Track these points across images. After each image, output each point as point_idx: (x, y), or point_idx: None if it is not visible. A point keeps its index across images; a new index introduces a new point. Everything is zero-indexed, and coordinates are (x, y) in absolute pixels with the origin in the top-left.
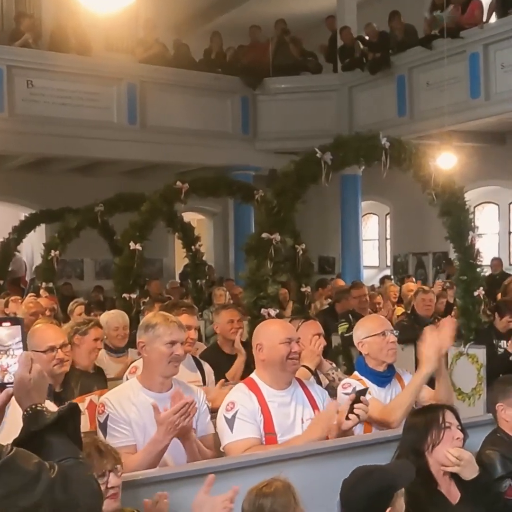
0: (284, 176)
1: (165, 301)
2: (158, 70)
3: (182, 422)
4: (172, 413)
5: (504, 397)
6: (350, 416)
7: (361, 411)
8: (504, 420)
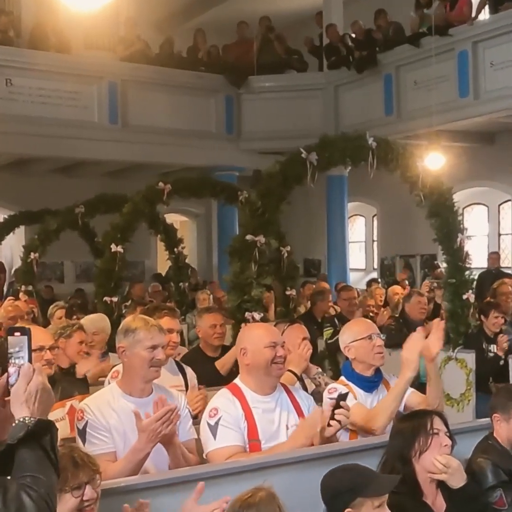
0: (268, 177)
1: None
2: (139, 68)
3: (164, 430)
4: (154, 420)
5: (503, 410)
6: (331, 422)
7: (342, 416)
8: (498, 431)
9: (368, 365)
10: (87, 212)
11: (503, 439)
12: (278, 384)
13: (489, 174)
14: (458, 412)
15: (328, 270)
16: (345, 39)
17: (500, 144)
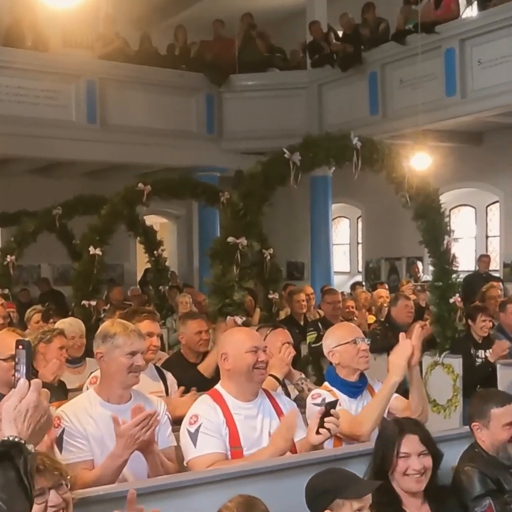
0: (250, 178)
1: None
2: (118, 67)
3: (142, 436)
4: (133, 425)
5: (480, 416)
6: (320, 431)
7: (332, 424)
8: (480, 439)
9: (352, 370)
10: (65, 213)
11: (488, 446)
12: (260, 390)
13: (476, 175)
14: (445, 418)
15: (312, 273)
16: (329, 36)
17: (488, 144)
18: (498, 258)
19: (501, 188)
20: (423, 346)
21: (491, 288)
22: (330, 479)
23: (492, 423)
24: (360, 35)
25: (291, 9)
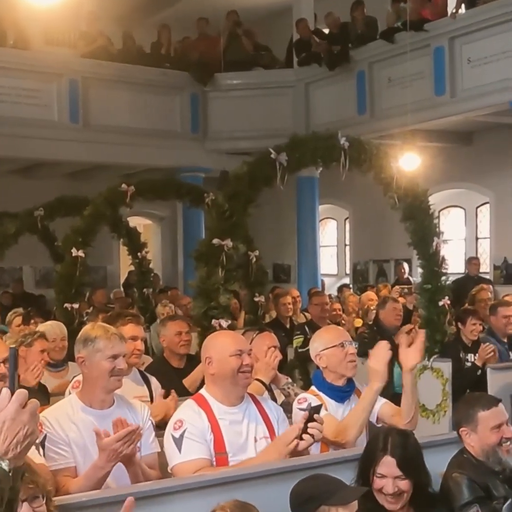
0: (236, 178)
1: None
2: (101, 65)
3: (125, 450)
4: (115, 440)
5: (467, 421)
6: (304, 437)
7: (316, 430)
8: (469, 445)
9: (339, 374)
10: (47, 215)
11: (477, 451)
12: (245, 395)
13: (466, 175)
14: (434, 423)
15: (299, 276)
16: (316, 34)
17: (478, 144)
18: (488, 260)
19: (491, 189)
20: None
21: (481, 290)
22: (315, 485)
23: (480, 427)
24: (348, 33)
25: (277, 6)
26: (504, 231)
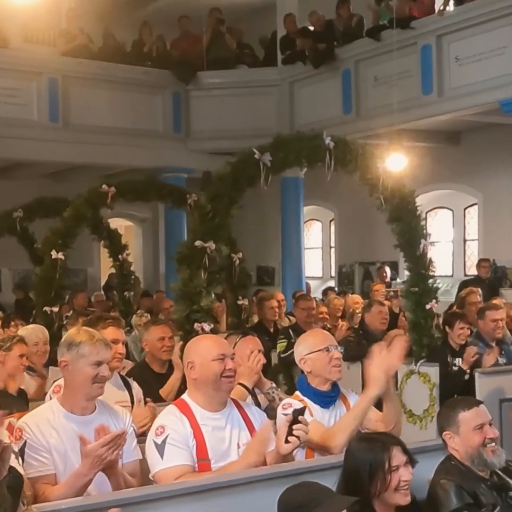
0: (219, 179)
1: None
2: (81, 64)
3: (110, 456)
4: (100, 446)
5: (449, 424)
6: (289, 439)
7: (301, 432)
8: (453, 449)
9: (324, 379)
10: (26, 216)
11: (462, 455)
12: (228, 400)
13: (454, 176)
14: (421, 429)
15: (283, 278)
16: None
17: (466, 144)
18: (476, 262)
19: (479, 189)
20: None
21: (470, 293)
22: (304, 494)
23: (462, 428)
24: (333, 31)
25: (261, 4)
26: (492, 232)
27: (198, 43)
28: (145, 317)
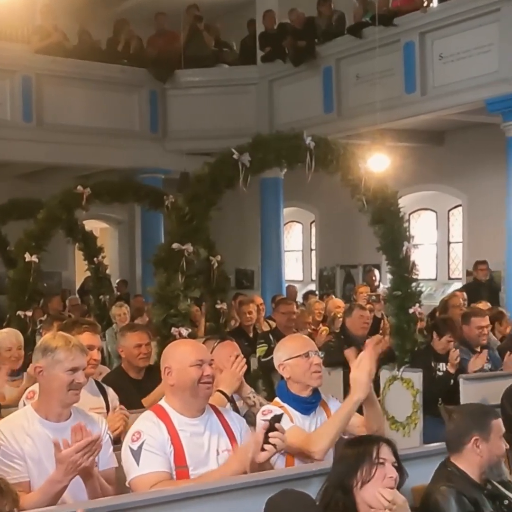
0: (197, 180)
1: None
2: (56, 61)
3: (84, 462)
4: (74, 451)
5: (481, 429)
6: (265, 447)
7: (277, 439)
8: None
9: (304, 385)
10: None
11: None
12: (207, 406)
13: (437, 177)
14: (404, 436)
15: (262, 282)
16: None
17: (450, 144)
18: (461, 265)
19: (464, 191)
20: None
21: (453, 297)
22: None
23: (493, 435)
24: (314, 28)
25: (240, 1)
26: (477, 235)
27: (175, 40)
28: (125, 308)
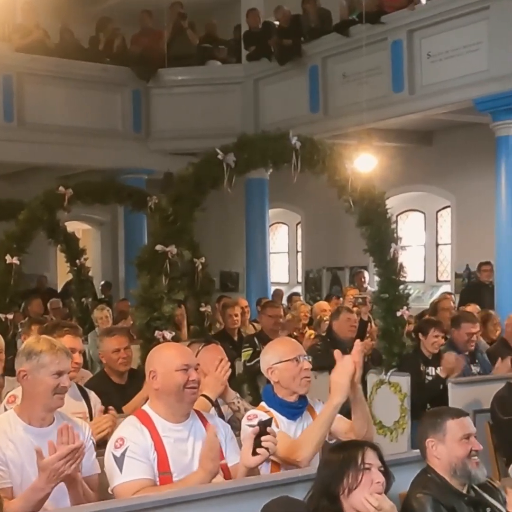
0: (181, 181)
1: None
2: (37, 60)
3: (67, 470)
4: (57, 458)
5: (434, 430)
6: (258, 451)
7: (270, 443)
8: (435, 457)
9: (291, 391)
10: None
11: (444, 466)
12: (191, 411)
13: (426, 177)
14: (392, 442)
15: (247, 284)
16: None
17: (438, 144)
18: (449, 267)
19: (452, 191)
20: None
21: (443, 299)
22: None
23: (449, 436)
24: (300, 26)
25: None
26: (466, 236)
27: (159, 38)
28: (107, 311)
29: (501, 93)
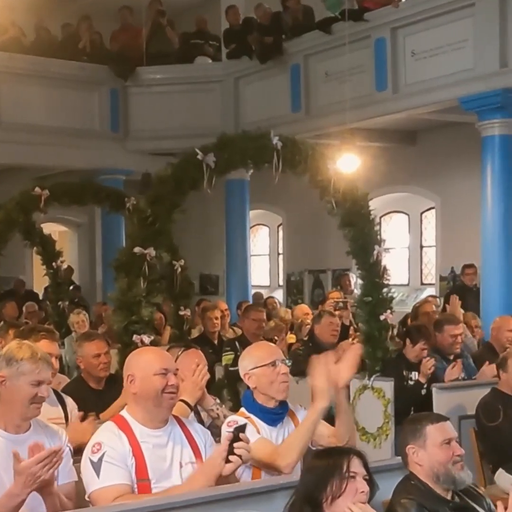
0: (159, 181)
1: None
2: (13, 58)
3: (44, 475)
4: (34, 463)
5: (414, 437)
6: (231, 458)
7: (243, 450)
8: (417, 464)
9: (270, 396)
10: None
11: (426, 472)
12: (170, 417)
13: (410, 178)
14: (375, 448)
15: (227, 287)
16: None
17: (423, 144)
18: (434, 270)
19: (437, 193)
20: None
21: (425, 303)
22: None
23: (429, 442)
24: (281, 24)
25: None
26: (451, 238)
27: (138, 36)
28: (83, 315)
29: (487, 92)
